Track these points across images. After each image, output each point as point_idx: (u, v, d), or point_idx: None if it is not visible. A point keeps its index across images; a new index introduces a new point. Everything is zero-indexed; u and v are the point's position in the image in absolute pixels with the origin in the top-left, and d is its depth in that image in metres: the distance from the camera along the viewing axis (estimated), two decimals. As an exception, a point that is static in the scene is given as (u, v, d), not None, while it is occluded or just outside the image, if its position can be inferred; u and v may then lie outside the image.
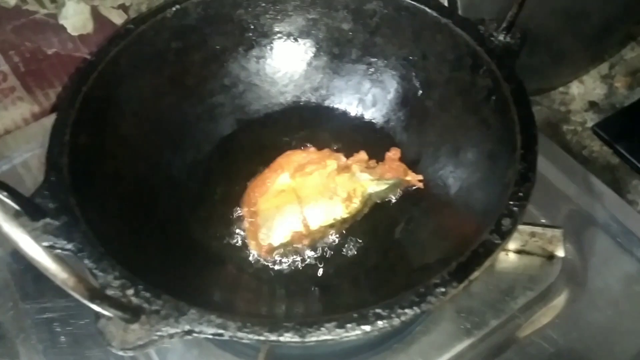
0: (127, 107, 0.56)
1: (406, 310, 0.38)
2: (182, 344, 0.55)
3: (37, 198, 0.45)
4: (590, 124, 0.85)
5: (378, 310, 0.38)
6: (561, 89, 0.91)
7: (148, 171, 0.56)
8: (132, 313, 0.37)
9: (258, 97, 0.66)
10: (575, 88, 0.91)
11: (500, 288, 0.57)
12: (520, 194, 0.44)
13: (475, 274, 0.40)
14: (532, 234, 0.59)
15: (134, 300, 0.39)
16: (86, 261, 0.41)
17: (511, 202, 0.44)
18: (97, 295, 0.33)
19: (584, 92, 0.90)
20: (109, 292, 0.40)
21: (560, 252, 0.59)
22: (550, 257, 0.59)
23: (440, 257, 0.46)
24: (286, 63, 0.65)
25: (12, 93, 0.74)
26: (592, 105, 0.89)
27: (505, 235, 0.42)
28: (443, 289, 0.39)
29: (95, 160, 0.51)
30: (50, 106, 0.78)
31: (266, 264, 0.55)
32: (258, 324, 0.38)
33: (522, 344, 0.55)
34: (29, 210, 0.44)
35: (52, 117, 0.51)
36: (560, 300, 0.58)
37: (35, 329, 0.57)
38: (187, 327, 0.38)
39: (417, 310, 0.39)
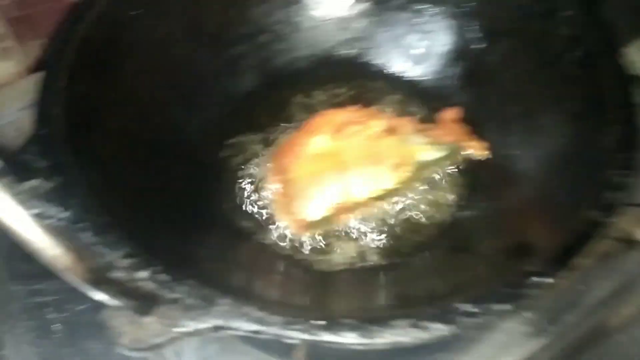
0: (135, 54, 0.51)
1: (501, 306, 0.33)
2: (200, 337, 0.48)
3: (23, 155, 0.40)
4: None
5: (463, 306, 0.33)
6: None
7: (158, 130, 0.51)
8: (146, 302, 0.32)
9: (285, 49, 0.60)
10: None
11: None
12: (627, 161, 0.39)
13: (587, 260, 0.35)
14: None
15: (148, 285, 0.33)
16: (86, 234, 0.36)
17: (614, 172, 0.39)
18: (101, 279, 0.25)
19: None
20: (116, 274, 0.34)
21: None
22: (629, 241, 0.52)
23: (519, 241, 0.42)
24: (319, 8, 0.60)
25: (1, 42, 0.66)
26: None
27: (610, 212, 0.37)
28: (546, 279, 0.34)
29: (97, 113, 0.46)
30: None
31: (300, 242, 0.50)
32: (309, 320, 0.32)
33: (602, 342, 0.49)
34: (13, 169, 0.37)
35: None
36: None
37: (25, 314, 0.52)
38: (218, 322, 0.32)
39: (513, 304, 0.33)
